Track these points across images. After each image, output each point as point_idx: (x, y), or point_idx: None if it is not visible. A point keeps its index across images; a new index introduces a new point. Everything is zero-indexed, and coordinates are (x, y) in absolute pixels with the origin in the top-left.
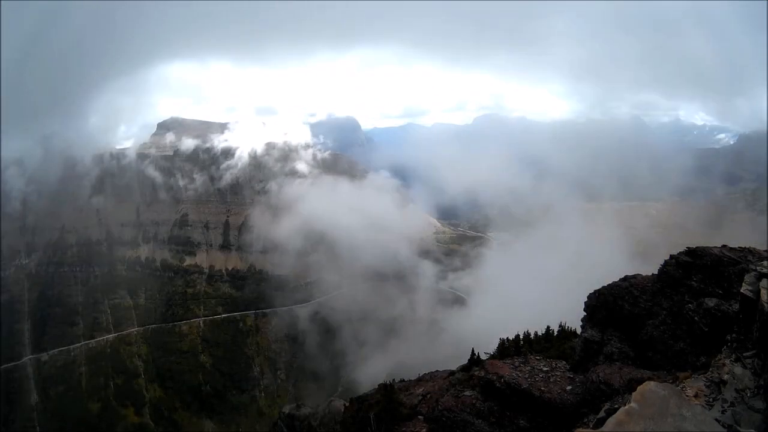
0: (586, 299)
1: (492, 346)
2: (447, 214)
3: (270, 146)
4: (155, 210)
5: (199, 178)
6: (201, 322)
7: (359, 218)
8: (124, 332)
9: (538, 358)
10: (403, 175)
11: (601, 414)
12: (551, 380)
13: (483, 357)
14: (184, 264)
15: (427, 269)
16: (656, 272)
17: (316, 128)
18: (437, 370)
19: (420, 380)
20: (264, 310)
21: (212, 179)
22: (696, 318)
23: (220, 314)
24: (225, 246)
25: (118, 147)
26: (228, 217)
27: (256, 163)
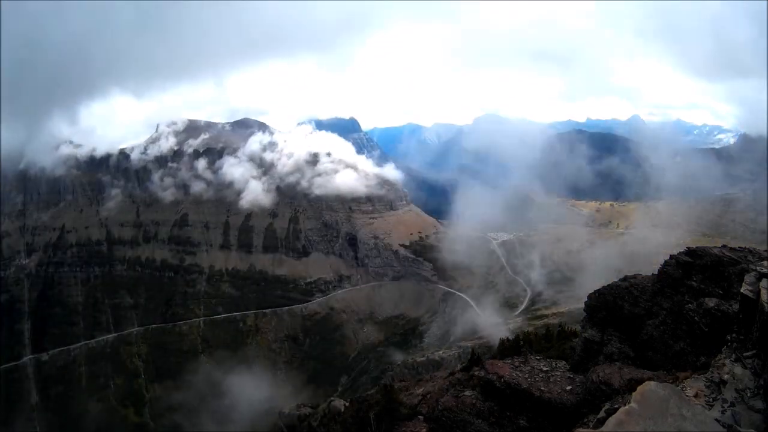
0: (586, 299)
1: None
2: (447, 213)
3: (271, 146)
4: (155, 210)
5: (200, 178)
6: (201, 322)
7: (360, 217)
8: (124, 332)
9: (538, 358)
10: (403, 175)
11: (601, 414)
12: (551, 380)
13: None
14: (184, 264)
15: (428, 268)
16: (656, 272)
17: (317, 128)
18: (437, 371)
19: (420, 380)
20: (264, 310)
21: (213, 179)
22: (696, 318)
23: (220, 314)
24: (225, 246)
25: (118, 147)
26: (228, 217)
27: (256, 163)
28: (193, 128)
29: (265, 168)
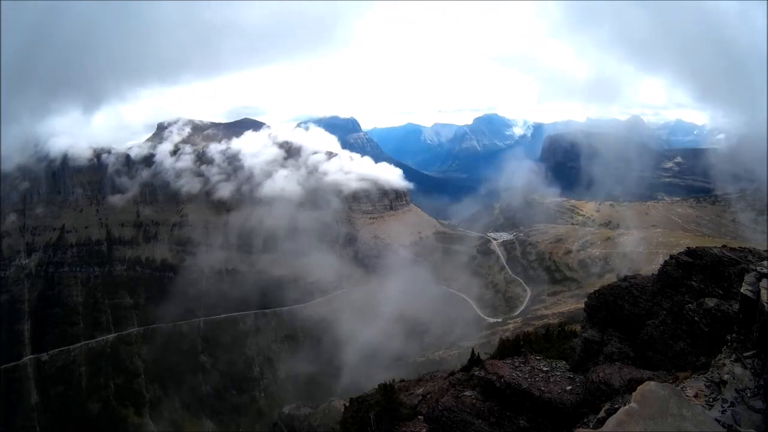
0: (586, 299)
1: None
2: (446, 213)
3: (269, 147)
4: (155, 210)
5: (200, 178)
6: (201, 322)
7: (359, 217)
8: (124, 332)
9: (538, 358)
10: (403, 175)
11: (601, 414)
12: (551, 380)
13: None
14: (184, 264)
15: (427, 268)
16: (656, 272)
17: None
18: (437, 371)
19: (420, 380)
20: (264, 310)
21: (213, 179)
22: (696, 318)
23: (220, 314)
24: (225, 246)
25: (117, 147)
26: (228, 217)
27: (254, 163)
28: (194, 127)
29: (290, 156)
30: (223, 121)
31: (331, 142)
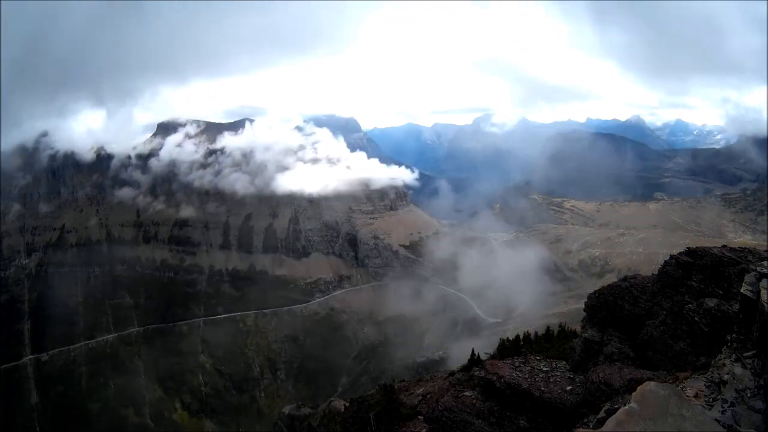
0: (586, 299)
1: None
2: (446, 213)
3: (270, 146)
4: (156, 209)
5: (200, 178)
6: (201, 322)
7: (359, 217)
8: (124, 332)
9: (538, 358)
10: (403, 175)
11: (601, 414)
12: (551, 380)
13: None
14: (184, 264)
15: (427, 268)
16: (656, 272)
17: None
18: (437, 371)
19: (420, 380)
20: (264, 310)
21: (213, 179)
22: (696, 318)
23: (220, 314)
24: (225, 246)
25: (118, 146)
26: (228, 217)
27: (254, 162)
28: (195, 127)
29: (263, 167)
30: (223, 121)
31: (333, 141)
